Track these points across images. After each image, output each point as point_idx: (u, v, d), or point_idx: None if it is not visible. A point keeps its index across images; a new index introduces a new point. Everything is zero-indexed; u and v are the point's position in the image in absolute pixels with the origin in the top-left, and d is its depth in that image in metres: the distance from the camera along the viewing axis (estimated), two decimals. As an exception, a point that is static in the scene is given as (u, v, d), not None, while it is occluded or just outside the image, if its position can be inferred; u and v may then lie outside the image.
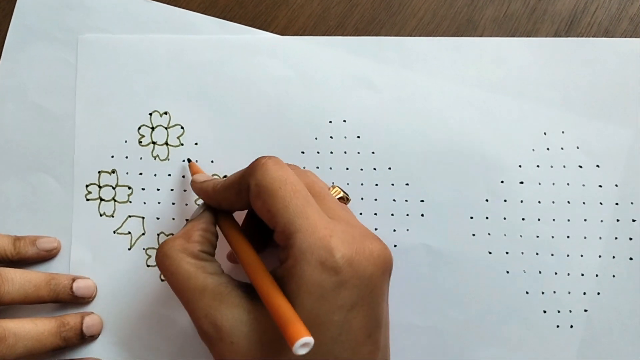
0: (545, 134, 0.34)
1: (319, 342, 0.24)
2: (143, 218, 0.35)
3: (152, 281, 0.34)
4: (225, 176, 0.35)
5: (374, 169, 0.35)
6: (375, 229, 0.34)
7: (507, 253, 0.33)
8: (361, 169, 0.35)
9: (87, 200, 0.35)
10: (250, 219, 0.31)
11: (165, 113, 0.36)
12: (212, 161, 0.35)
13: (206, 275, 0.26)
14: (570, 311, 0.32)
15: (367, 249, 0.25)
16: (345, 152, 0.35)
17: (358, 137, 0.35)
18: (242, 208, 0.29)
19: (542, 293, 0.33)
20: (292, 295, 0.24)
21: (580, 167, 0.34)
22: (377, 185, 0.34)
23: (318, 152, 0.35)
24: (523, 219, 0.34)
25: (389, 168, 0.35)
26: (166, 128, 0.36)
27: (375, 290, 0.25)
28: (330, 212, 0.27)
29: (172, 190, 0.35)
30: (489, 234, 0.33)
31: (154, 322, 0.33)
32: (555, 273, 0.33)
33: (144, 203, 0.35)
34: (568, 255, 0.33)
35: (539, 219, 0.33)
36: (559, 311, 0.33)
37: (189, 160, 0.35)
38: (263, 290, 0.24)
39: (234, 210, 0.30)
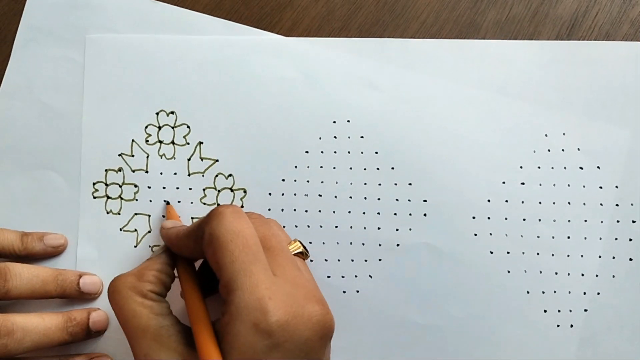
0: (546, 135, 0.35)
1: None
2: (149, 216, 0.35)
3: (157, 278, 0.34)
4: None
5: (377, 168, 0.35)
6: (378, 228, 0.34)
7: (508, 253, 0.34)
8: (364, 169, 0.35)
9: (94, 197, 0.36)
10: (207, 264, 0.31)
11: (172, 112, 0.37)
12: (217, 160, 0.36)
13: (151, 316, 0.26)
14: (571, 311, 0.33)
15: (306, 313, 0.25)
16: (349, 152, 0.35)
17: (362, 137, 0.35)
18: (201, 256, 0.29)
19: (543, 292, 0.33)
20: (225, 352, 0.24)
21: (581, 168, 0.34)
22: (380, 185, 0.35)
23: (322, 152, 0.35)
24: (524, 220, 0.34)
25: (392, 168, 0.35)
26: (173, 127, 0.36)
27: (310, 354, 0.25)
28: (279, 270, 0.26)
29: (177, 188, 0.36)
30: (491, 234, 0.34)
31: (158, 318, 0.34)
32: (556, 273, 0.33)
33: (150, 201, 0.36)
34: (568, 256, 0.33)
35: (539, 220, 0.34)
36: (559, 310, 0.33)
37: (168, 203, 0.35)
38: (199, 342, 0.25)
39: (193, 258, 0.30)
